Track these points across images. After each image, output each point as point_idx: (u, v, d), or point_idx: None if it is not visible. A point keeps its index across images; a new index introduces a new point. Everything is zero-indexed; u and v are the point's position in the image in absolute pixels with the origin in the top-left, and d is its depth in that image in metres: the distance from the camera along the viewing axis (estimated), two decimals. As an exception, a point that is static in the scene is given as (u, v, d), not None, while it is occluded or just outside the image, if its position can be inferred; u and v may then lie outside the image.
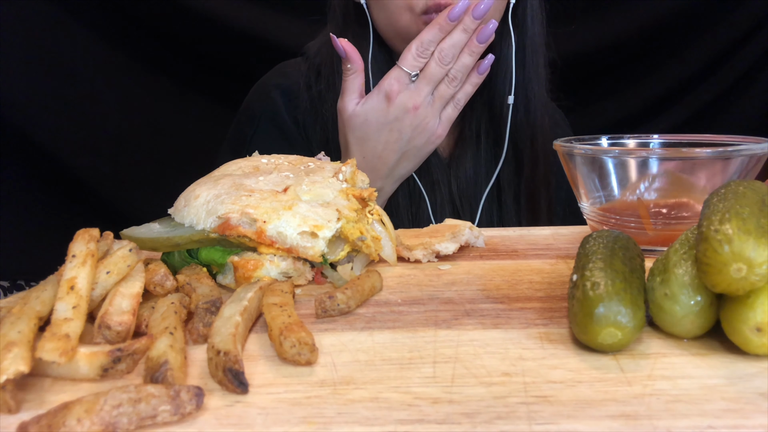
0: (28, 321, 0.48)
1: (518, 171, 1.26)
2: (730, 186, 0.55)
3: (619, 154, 0.79)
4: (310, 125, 1.24)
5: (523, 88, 1.22)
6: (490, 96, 1.23)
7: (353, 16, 1.18)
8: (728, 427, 0.40)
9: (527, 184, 1.26)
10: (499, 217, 1.27)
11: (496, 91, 1.22)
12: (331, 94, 1.20)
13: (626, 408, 0.42)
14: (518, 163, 1.26)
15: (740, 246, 0.46)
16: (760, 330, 0.47)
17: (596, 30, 1.89)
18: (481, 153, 1.26)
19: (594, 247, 0.58)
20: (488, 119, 1.25)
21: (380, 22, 1.15)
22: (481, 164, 1.26)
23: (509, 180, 1.26)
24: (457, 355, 0.51)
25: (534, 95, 1.23)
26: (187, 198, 0.72)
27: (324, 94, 1.22)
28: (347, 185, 0.75)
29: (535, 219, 1.27)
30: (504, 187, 1.26)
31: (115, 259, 0.58)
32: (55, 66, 1.74)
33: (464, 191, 1.26)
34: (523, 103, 1.22)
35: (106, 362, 0.47)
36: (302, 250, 0.67)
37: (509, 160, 1.25)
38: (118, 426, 0.40)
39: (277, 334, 0.51)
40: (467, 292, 0.67)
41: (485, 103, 1.24)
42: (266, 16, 1.81)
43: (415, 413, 0.43)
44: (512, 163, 1.25)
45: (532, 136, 1.24)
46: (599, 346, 0.50)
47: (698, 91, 1.96)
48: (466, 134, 1.27)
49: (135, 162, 1.86)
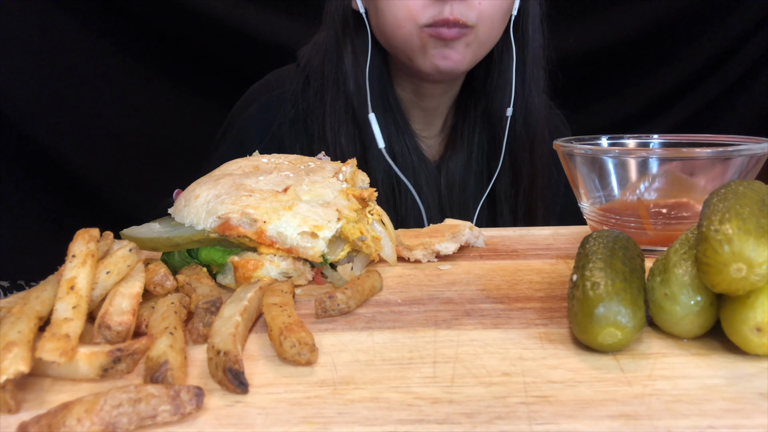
0: (28, 321, 0.48)
1: (514, 182, 1.25)
2: (730, 186, 0.55)
3: (619, 154, 0.79)
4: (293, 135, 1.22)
5: (523, 100, 1.21)
6: (488, 107, 1.22)
7: (352, 25, 1.17)
8: (728, 427, 0.40)
9: (525, 196, 1.25)
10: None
11: (494, 103, 1.21)
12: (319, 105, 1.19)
13: (626, 408, 0.42)
14: (515, 174, 1.25)
15: (740, 246, 0.46)
16: (760, 330, 0.47)
17: (596, 30, 1.89)
18: (473, 162, 1.25)
19: (594, 247, 0.58)
20: (484, 130, 1.24)
21: (380, 32, 1.14)
22: (472, 173, 1.25)
23: (506, 192, 1.25)
24: (457, 355, 0.51)
25: (534, 108, 1.23)
26: (188, 198, 0.72)
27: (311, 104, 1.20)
28: (347, 185, 0.75)
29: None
30: (501, 198, 1.25)
31: (115, 259, 0.58)
32: (55, 66, 1.74)
33: (454, 198, 1.25)
34: (522, 115, 1.22)
35: (106, 362, 0.47)
36: (302, 250, 0.67)
37: (505, 172, 1.24)
38: (118, 426, 0.40)
39: (277, 334, 0.51)
40: (467, 292, 0.67)
41: (482, 113, 1.23)
42: (267, 16, 1.81)
43: (415, 413, 0.43)
44: (509, 175, 1.25)
45: (531, 148, 1.23)
46: (599, 346, 0.50)
47: (698, 91, 1.96)
48: (457, 140, 1.26)
49: (135, 162, 1.86)
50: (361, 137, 1.17)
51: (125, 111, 1.84)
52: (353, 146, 1.17)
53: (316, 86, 1.20)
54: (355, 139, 1.17)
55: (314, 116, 1.19)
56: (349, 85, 1.16)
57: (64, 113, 1.76)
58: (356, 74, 1.16)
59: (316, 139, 1.18)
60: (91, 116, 1.80)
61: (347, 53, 1.17)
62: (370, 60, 1.15)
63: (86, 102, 1.79)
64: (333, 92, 1.18)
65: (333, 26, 1.19)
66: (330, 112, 1.18)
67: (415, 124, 1.26)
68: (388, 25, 1.10)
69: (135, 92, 1.85)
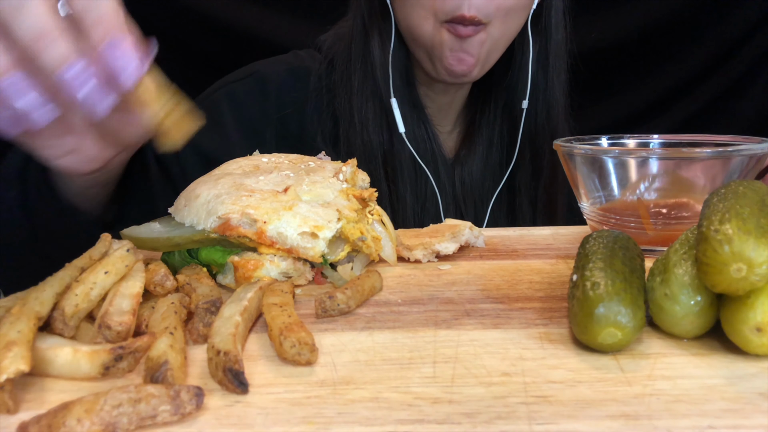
0: (28, 321, 0.48)
1: (535, 175, 1.26)
2: (730, 186, 0.55)
3: (619, 154, 0.79)
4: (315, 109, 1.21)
5: (545, 93, 1.22)
6: (509, 100, 1.23)
7: (378, 12, 1.18)
8: (728, 427, 0.40)
9: (546, 189, 1.26)
10: (511, 222, 1.27)
11: (515, 96, 1.22)
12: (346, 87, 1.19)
13: (626, 408, 0.42)
14: (536, 167, 1.25)
15: (740, 246, 0.46)
16: (760, 330, 0.47)
17: (596, 30, 1.89)
18: (492, 156, 1.26)
19: (594, 247, 0.58)
20: (505, 124, 1.25)
21: (402, 25, 1.15)
22: (490, 167, 1.26)
23: (526, 184, 1.26)
24: (457, 355, 0.51)
25: (556, 101, 1.23)
26: (188, 197, 0.72)
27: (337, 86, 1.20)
28: (348, 185, 0.75)
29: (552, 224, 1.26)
30: (520, 190, 1.26)
31: (113, 260, 0.58)
32: None
33: (469, 192, 1.26)
34: (544, 108, 1.23)
35: (108, 360, 0.47)
36: (303, 250, 0.67)
37: (526, 164, 1.25)
38: (118, 426, 0.40)
39: (277, 334, 0.51)
40: (467, 292, 0.67)
41: (503, 107, 1.24)
42: (268, 17, 1.81)
43: (415, 413, 0.43)
44: (529, 167, 1.25)
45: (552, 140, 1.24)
46: (599, 346, 0.50)
47: (698, 91, 1.96)
48: (476, 136, 1.27)
49: None
50: (387, 121, 1.18)
51: (125, 111, 1.84)
52: (379, 128, 1.18)
53: (342, 69, 1.21)
54: (381, 121, 1.18)
55: (340, 98, 1.20)
56: (376, 69, 1.17)
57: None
58: (383, 59, 1.17)
59: (342, 121, 1.19)
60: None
61: (375, 38, 1.18)
62: (393, 48, 1.16)
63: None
64: (360, 75, 1.18)
65: (360, 12, 1.20)
66: (357, 93, 1.18)
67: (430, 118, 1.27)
68: (410, 20, 1.11)
69: None
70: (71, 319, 0.53)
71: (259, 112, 1.20)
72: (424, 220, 1.21)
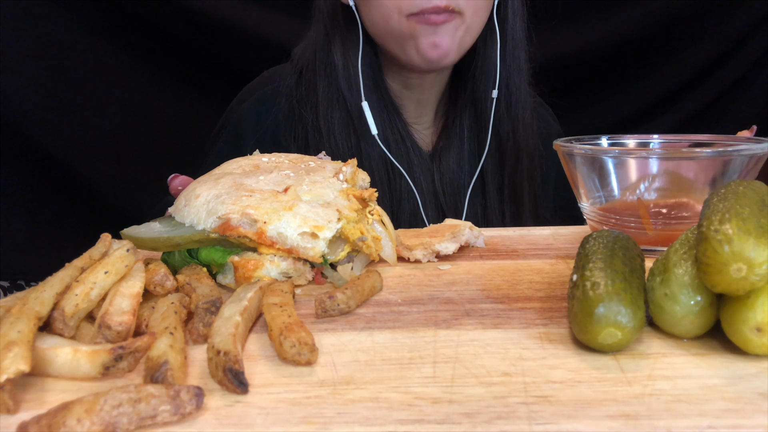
0: (28, 321, 0.48)
1: (501, 163, 1.28)
2: (730, 186, 0.55)
3: (619, 154, 0.79)
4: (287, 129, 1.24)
5: (505, 81, 1.24)
6: (474, 90, 1.25)
7: (341, 18, 1.20)
8: (728, 427, 0.40)
9: (510, 176, 1.28)
10: (483, 208, 1.29)
11: (480, 86, 1.24)
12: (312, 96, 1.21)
13: (626, 408, 0.42)
14: (501, 155, 1.28)
15: (740, 246, 0.46)
16: (760, 330, 0.47)
17: (596, 30, 1.90)
18: (465, 147, 1.29)
19: (594, 247, 0.58)
20: (472, 114, 1.27)
21: (371, 23, 1.16)
22: (465, 158, 1.29)
23: (493, 172, 1.28)
24: (457, 355, 0.51)
25: (516, 88, 1.26)
26: (188, 197, 0.72)
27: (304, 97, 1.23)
28: (348, 185, 0.75)
29: (519, 211, 1.29)
30: (488, 179, 1.28)
31: (112, 260, 0.58)
32: (55, 66, 1.74)
33: (448, 184, 1.28)
34: (504, 96, 1.25)
35: (108, 360, 0.47)
36: (303, 250, 0.67)
37: (492, 152, 1.27)
38: (118, 426, 0.40)
39: (277, 334, 0.51)
40: (467, 292, 0.67)
41: (469, 98, 1.27)
42: (268, 16, 1.81)
43: (415, 413, 0.43)
44: (495, 155, 1.28)
45: (514, 128, 1.27)
46: (599, 346, 0.50)
47: (698, 91, 1.96)
48: (450, 129, 1.29)
49: (135, 162, 1.86)
50: (354, 125, 1.20)
51: (126, 111, 1.84)
52: (347, 134, 1.20)
53: (308, 77, 1.23)
54: (348, 127, 1.20)
55: (307, 107, 1.22)
56: (339, 76, 1.19)
57: (64, 113, 1.76)
58: (347, 65, 1.19)
59: (310, 130, 1.21)
60: (91, 116, 1.80)
61: (336, 45, 1.20)
62: (361, 51, 1.17)
63: (86, 102, 1.79)
64: (324, 83, 1.21)
65: (322, 20, 1.23)
66: (322, 102, 1.20)
67: (407, 115, 1.28)
68: (377, 17, 1.13)
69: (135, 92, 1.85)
70: (71, 319, 0.53)
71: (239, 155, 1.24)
72: (400, 216, 1.23)
